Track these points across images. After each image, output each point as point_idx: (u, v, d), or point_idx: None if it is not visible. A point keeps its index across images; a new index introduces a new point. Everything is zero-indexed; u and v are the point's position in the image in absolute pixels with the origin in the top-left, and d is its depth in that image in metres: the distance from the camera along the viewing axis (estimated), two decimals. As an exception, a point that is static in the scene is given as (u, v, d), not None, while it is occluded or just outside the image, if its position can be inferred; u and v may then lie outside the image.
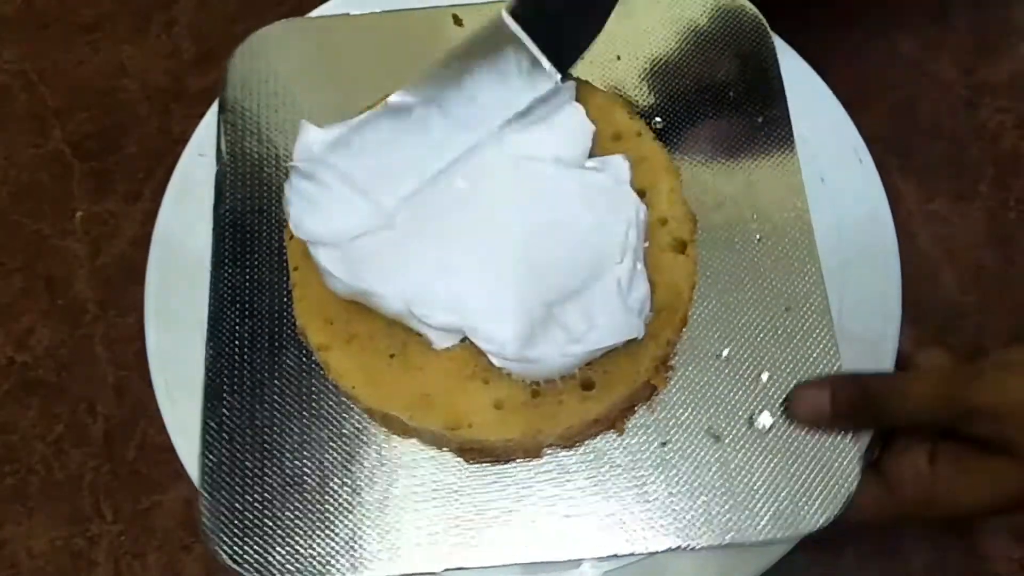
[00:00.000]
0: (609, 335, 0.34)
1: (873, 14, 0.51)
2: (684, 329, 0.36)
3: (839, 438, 0.34)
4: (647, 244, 0.37)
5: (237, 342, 0.36)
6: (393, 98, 0.37)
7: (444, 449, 0.35)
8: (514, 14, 0.36)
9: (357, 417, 0.35)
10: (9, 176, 0.50)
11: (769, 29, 0.42)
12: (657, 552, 0.33)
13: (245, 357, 0.36)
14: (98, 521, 0.42)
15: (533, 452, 0.35)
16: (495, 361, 0.34)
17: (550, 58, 0.36)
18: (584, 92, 0.39)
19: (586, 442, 0.35)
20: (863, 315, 0.39)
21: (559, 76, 0.37)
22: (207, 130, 0.43)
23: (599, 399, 0.34)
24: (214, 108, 0.44)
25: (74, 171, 0.50)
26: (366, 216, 0.36)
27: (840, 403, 0.34)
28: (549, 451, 0.35)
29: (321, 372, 0.36)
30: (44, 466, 0.43)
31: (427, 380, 0.35)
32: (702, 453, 0.34)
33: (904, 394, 0.33)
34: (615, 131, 0.40)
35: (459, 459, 0.35)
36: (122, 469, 0.43)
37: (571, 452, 0.35)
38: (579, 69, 0.39)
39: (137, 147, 0.50)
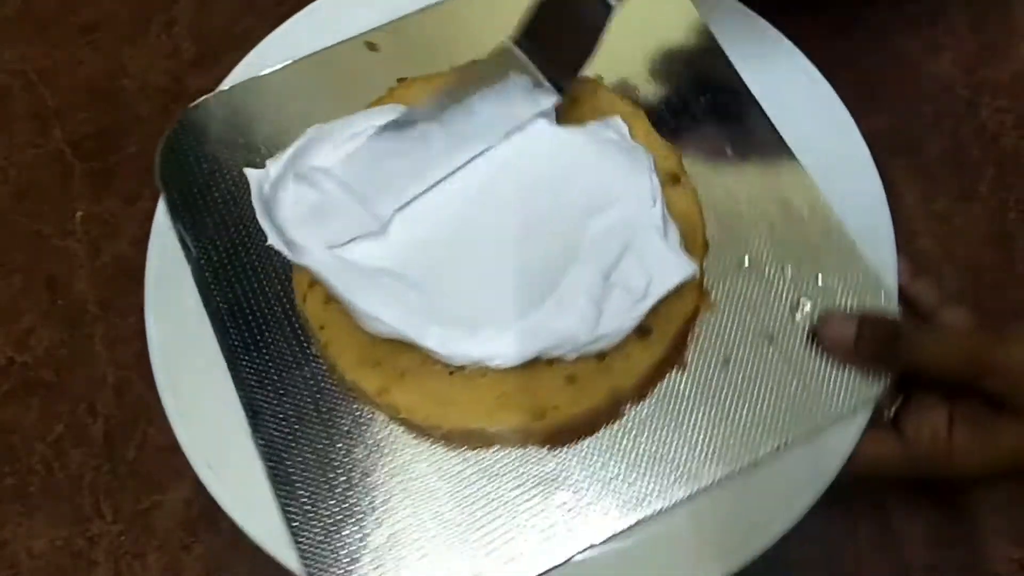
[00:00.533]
0: (669, 279, 0.35)
1: (873, 14, 0.51)
2: (707, 251, 0.38)
3: None
4: None
5: (285, 426, 0.36)
6: (397, 116, 0.39)
7: (529, 445, 0.35)
8: (517, 43, 0.39)
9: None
10: (9, 176, 0.50)
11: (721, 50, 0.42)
12: (766, 453, 0.35)
13: (299, 434, 0.36)
14: (98, 521, 0.42)
15: (615, 414, 0.35)
16: (569, 357, 0.35)
17: (550, 79, 0.39)
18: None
19: (655, 389, 0.36)
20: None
21: (560, 95, 0.39)
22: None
23: (659, 341, 0.36)
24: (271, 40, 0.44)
25: (74, 171, 0.50)
26: (363, 223, 0.37)
27: (866, 338, 0.35)
28: (626, 409, 0.36)
29: (381, 418, 0.36)
30: (44, 466, 0.43)
31: (495, 382, 0.35)
32: (763, 356, 0.36)
33: (931, 344, 0.35)
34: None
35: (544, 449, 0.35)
36: (122, 469, 0.43)
37: (644, 403, 0.36)
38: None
39: (137, 147, 0.50)
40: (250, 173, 0.39)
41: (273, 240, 0.37)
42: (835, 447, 0.35)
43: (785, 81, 0.42)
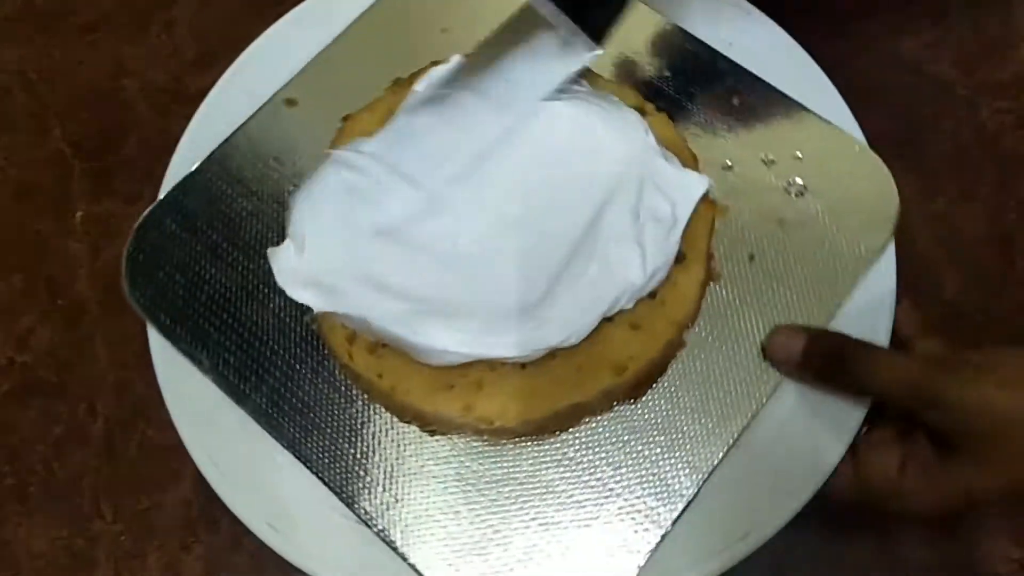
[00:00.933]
0: (691, 197, 0.38)
1: (874, 15, 0.51)
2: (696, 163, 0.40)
3: None
4: None
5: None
6: (425, 89, 0.38)
7: (616, 404, 0.36)
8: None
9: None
10: (9, 176, 0.50)
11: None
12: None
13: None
14: (98, 521, 0.42)
15: (680, 344, 0.37)
16: (628, 306, 0.36)
17: (586, 30, 0.36)
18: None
19: (704, 307, 0.37)
20: (858, 312, 0.39)
21: (598, 51, 0.37)
22: (197, 131, 0.43)
23: (695, 260, 0.38)
24: (203, 109, 0.44)
25: (74, 171, 0.50)
26: (414, 201, 0.36)
27: (811, 354, 0.35)
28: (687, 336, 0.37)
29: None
30: (44, 466, 0.43)
31: (567, 359, 0.36)
32: (780, 240, 0.39)
33: (876, 368, 0.33)
34: None
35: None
36: (122, 469, 0.43)
37: (699, 323, 0.37)
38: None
39: (137, 147, 0.50)
40: (272, 253, 0.38)
41: (304, 297, 0.36)
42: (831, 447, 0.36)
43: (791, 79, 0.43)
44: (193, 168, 0.41)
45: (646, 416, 0.36)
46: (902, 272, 0.40)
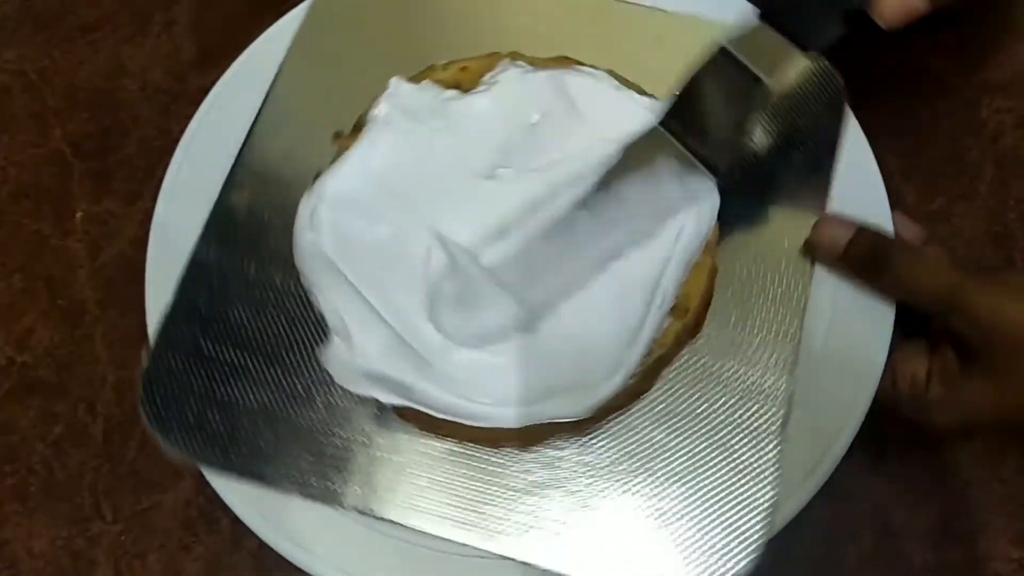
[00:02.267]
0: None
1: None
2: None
3: None
4: None
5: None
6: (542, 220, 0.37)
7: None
8: (664, 124, 0.36)
9: None
10: (9, 176, 0.50)
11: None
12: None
13: None
14: (98, 521, 0.42)
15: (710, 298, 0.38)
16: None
17: (703, 161, 0.36)
18: None
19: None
20: (857, 312, 0.39)
21: (716, 177, 0.37)
22: (197, 131, 0.44)
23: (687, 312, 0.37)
24: (204, 108, 0.44)
25: (74, 171, 0.50)
26: (514, 316, 0.35)
27: (856, 245, 0.36)
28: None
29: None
30: (44, 466, 0.43)
31: None
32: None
33: (916, 266, 0.35)
34: None
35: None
36: (122, 469, 0.43)
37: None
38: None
39: (137, 147, 0.50)
40: (324, 356, 0.36)
41: (373, 391, 0.35)
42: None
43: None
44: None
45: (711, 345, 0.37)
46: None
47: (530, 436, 0.35)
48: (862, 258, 0.36)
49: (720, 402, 0.36)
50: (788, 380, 0.35)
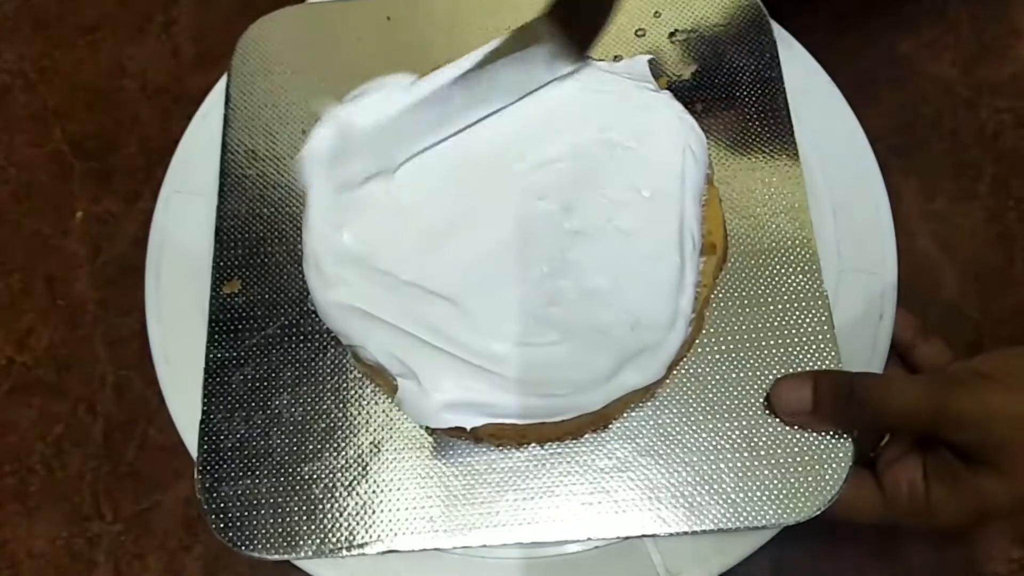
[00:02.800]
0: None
1: (874, 14, 0.51)
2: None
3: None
4: None
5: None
6: (425, 88, 0.39)
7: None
8: (540, 22, 0.39)
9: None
10: (9, 176, 0.50)
11: (770, 22, 0.43)
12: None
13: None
14: (98, 521, 0.42)
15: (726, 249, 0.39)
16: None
17: (573, 45, 0.39)
18: None
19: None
20: (858, 312, 0.39)
21: (579, 61, 0.40)
22: (197, 131, 0.44)
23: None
24: (203, 109, 0.44)
25: (74, 171, 0.50)
26: (374, 165, 0.38)
27: (823, 399, 0.34)
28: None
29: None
30: (44, 466, 0.43)
31: None
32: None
33: (888, 396, 0.33)
34: None
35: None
36: (122, 469, 0.43)
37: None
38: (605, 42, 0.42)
39: (137, 147, 0.50)
40: (399, 400, 0.36)
41: (453, 420, 0.35)
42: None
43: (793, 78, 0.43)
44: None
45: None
46: (901, 272, 0.40)
47: (608, 414, 0.36)
48: (831, 409, 0.34)
49: (769, 317, 0.37)
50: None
